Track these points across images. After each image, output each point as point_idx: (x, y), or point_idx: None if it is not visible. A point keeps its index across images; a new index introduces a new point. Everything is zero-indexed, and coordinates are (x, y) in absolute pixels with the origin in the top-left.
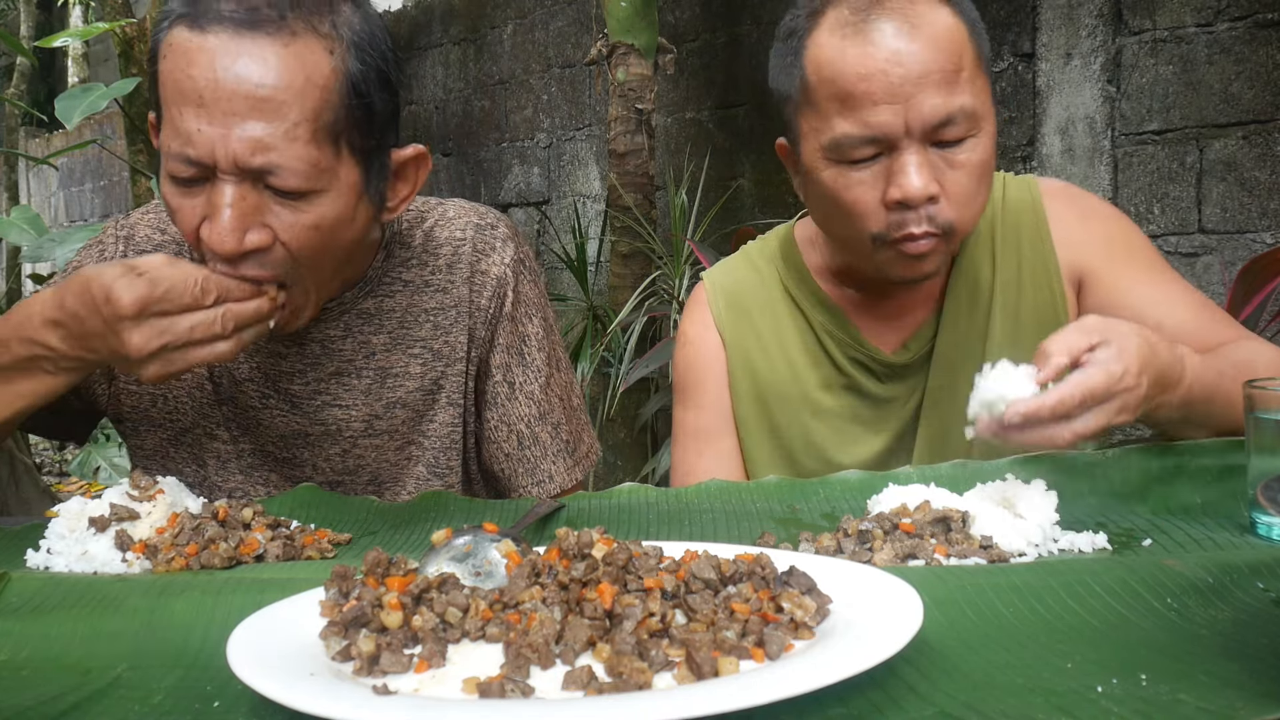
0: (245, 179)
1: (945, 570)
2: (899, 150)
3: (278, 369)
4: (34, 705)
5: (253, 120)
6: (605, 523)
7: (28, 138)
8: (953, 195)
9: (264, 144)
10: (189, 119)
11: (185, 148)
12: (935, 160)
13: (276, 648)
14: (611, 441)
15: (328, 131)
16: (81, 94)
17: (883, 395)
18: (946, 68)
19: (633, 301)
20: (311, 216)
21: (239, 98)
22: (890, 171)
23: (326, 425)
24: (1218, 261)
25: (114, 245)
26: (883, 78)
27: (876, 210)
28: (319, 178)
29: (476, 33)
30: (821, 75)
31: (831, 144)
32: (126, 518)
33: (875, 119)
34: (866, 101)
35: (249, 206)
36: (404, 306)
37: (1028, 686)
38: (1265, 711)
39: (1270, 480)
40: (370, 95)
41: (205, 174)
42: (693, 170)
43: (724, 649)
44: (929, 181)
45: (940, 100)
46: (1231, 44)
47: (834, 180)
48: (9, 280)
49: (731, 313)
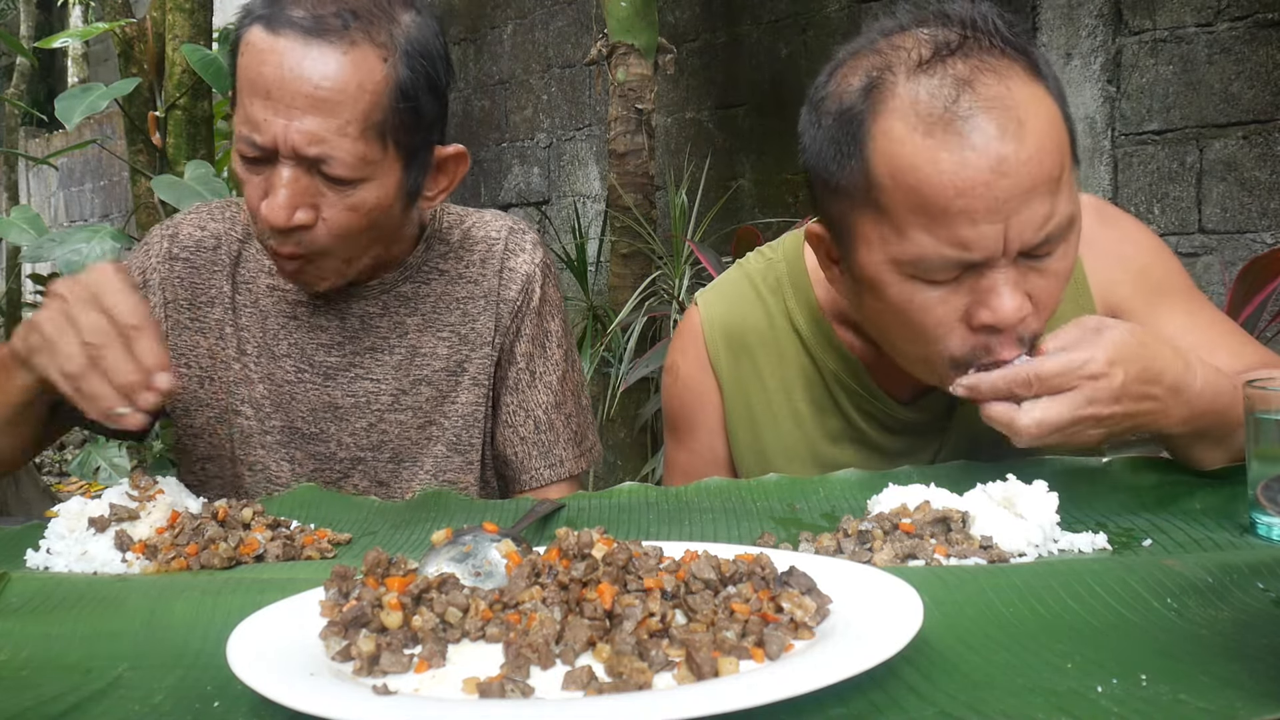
0: (301, 164)
1: (945, 570)
2: (991, 269)
3: (315, 342)
4: (34, 705)
5: (311, 116)
6: (605, 523)
7: (28, 138)
8: (1042, 304)
9: (319, 137)
10: (257, 109)
11: (253, 133)
12: (1025, 273)
13: (276, 648)
14: (611, 441)
15: (376, 130)
16: (81, 94)
17: (894, 449)
18: (1053, 174)
19: (633, 301)
20: (354, 201)
21: (300, 95)
22: (977, 290)
23: (356, 396)
24: (1218, 261)
25: (159, 243)
26: (985, 191)
27: (959, 331)
28: (364, 168)
29: (476, 33)
30: (901, 181)
31: (912, 261)
32: (126, 518)
33: (974, 240)
34: (963, 220)
35: (301, 189)
36: (438, 293)
37: (1028, 686)
38: (1265, 711)
39: (1270, 480)
40: (418, 99)
41: (268, 157)
42: (693, 170)
43: (724, 649)
44: (1023, 303)
45: (1045, 214)
46: (1231, 44)
47: (909, 298)
48: (9, 280)
49: (730, 353)
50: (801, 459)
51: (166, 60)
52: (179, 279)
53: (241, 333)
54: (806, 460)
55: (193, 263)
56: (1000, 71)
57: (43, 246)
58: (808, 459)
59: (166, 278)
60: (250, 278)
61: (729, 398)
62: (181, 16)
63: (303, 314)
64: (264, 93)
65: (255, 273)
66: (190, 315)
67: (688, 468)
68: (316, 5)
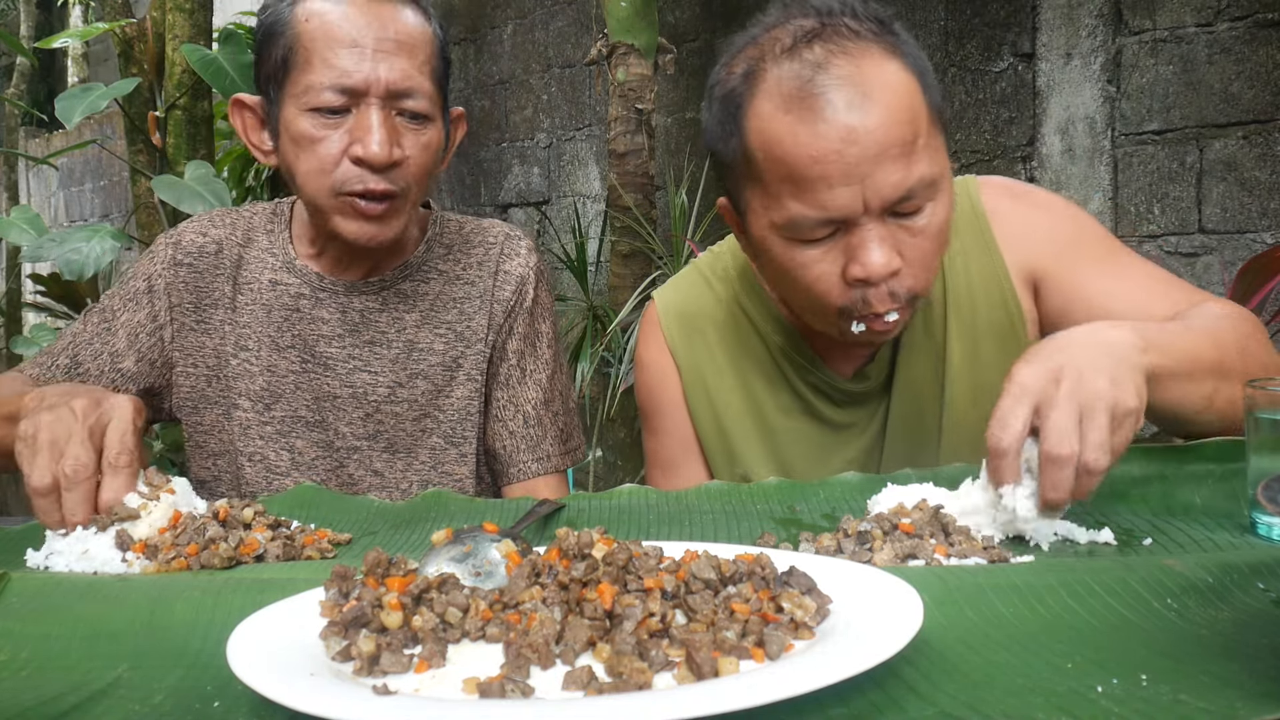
0: (387, 105)
1: (945, 570)
2: (858, 226)
3: (317, 333)
4: (34, 705)
5: (398, 57)
6: (605, 523)
7: (28, 138)
8: (913, 262)
9: (409, 73)
10: (343, 58)
11: (341, 79)
12: (894, 231)
13: (276, 648)
14: (611, 441)
15: (435, 75)
16: (81, 94)
17: (841, 421)
18: (905, 138)
19: (633, 301)
20: (426, 139)
21: (387, 40)
22: (849, 247)
23: (355, 387)
24: (1218, 261)
25: (164, 250)
26: (837, 159)
27: (838, 286)
28: (433, 107)
29: (476, 33)
30: (769, 154)
31: (785, 224)
32: (126, 518)
33: (831, 202)
34: (821, 185)
35: (392, 126)
36: (436, 292)
37: (1028, 686)
38: (1265, 711)
39: (1270, 480)
40: (448, 55)
41: (352, 103)
42: (693, 170)
43: (724, 649)
44: (891, 257)
45: (899, 176)
46: (1231, 44)
47: (791, 258)
48: (9, 280)
49: (684, 334)
50: (756, 432)
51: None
52: (184, 283)
53: (242, 330)
54: (761, 433)
55: (196, 267)
56: (853, 53)
57: (43, 246)
58: (762, 431)
59: (171, 283)
60: (252, 278)
61: (687, 377)
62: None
63: (305, 306)
64: (349, 41)
65: (258, 272)
66: (195, 318)
67: (662, 453)
68: None
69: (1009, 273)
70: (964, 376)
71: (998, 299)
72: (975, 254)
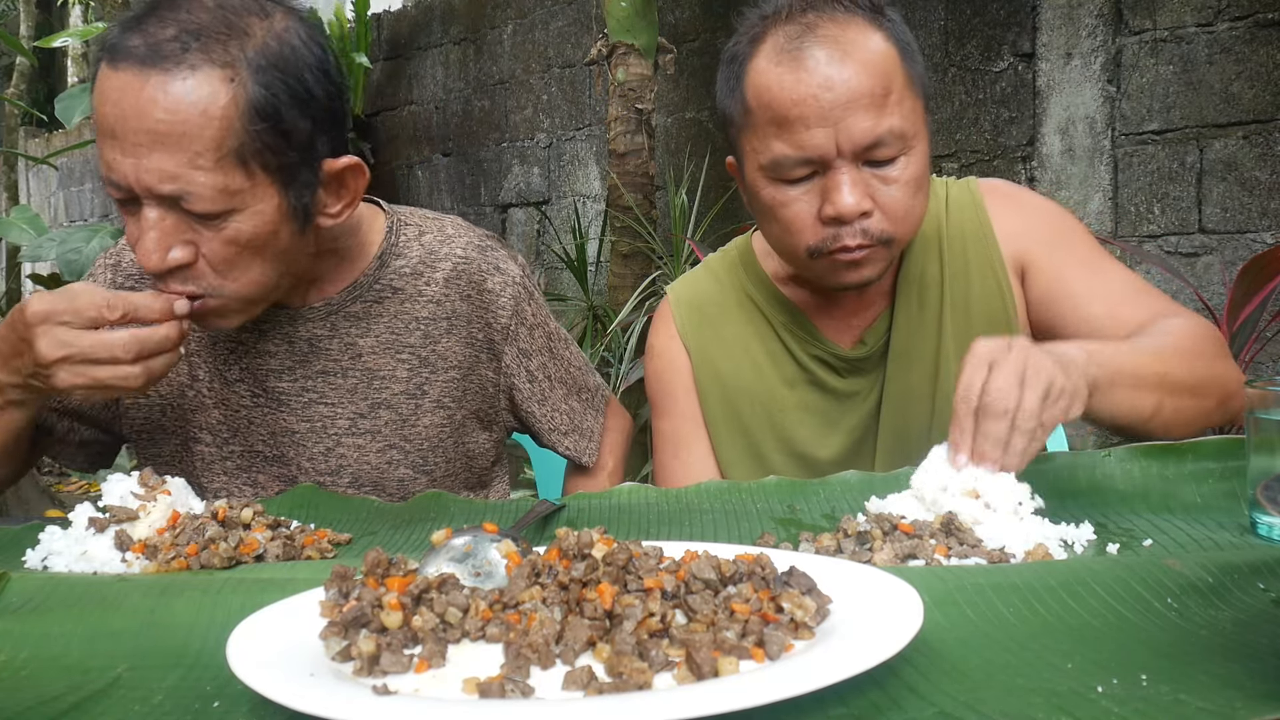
0: (163, 203)
1: (945, 570)
2: (832, 170)
3: (265, 367)
4: (34, 705)
5: (157, 152)
6: (605, 523)
7: (28, 138)
8: (887, 209)
9: (170, 174)
10: (108, 150)
11: (110, 174)
12: (868, 178)
13: (276, 648)
14: None
15: (234, 156)
16: (81, 94)
17: (844, 390)
18: (876, 91)
19: (633, 301)
20: (229, 233)
21: (142, 132)
22: (824, 189)
23: (313, 421)
24: (1218, 261)
25: (103, 273)
26: (814, 102)
27: (812, 225)
28: (230, 199)
29: (476, 33)
30: (760, 100)
31: (770, 164)
32: (126, 518)
33: (808, 141)
34: (800, 125)
35: (169, 227)
36: (393, 313)
37: (1028, 686)
38: (1265, 711)
39: (1270, 480)
40: (279, 116)
41: (133, 197)
42: (693, 170)
43: (724, 649)
44: (861, 199)
45: (870, 123)
46: (1231, 44)
47: (773, 197)
48: (9, 280)
49: (694, 321)
50: (762, 403)
51: None
52: None
53: (192, 358)
54: (768, 406)
55: (137, 290)
56: (841, 22)
57: (42, 246)
58: (769, 402)
59: None
60: None
61: (697, 360)
62: None
63: (248, 339)
64: (110, 133)
65: None
66: None
67: (672, 433)
68: (157, 29)
69: (1004, 261)
70: (958, 352)
71: (992, 284)
72: (974, 241)
